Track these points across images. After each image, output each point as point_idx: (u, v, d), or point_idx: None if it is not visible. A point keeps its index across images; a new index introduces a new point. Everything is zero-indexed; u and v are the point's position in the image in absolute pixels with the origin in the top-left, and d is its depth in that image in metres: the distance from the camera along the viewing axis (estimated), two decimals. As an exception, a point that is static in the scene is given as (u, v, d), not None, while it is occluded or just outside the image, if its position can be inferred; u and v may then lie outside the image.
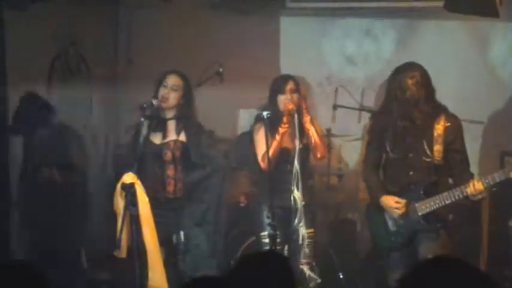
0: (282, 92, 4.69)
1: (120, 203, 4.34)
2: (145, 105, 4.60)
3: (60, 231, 5.10)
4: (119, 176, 4.38)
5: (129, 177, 4.32)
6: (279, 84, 4.73)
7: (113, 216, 4.39)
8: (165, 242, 4.57)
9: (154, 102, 4.62)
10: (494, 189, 5.50)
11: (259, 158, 4.68)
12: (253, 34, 6.45)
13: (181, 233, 4.66)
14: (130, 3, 6.71)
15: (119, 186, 4.33)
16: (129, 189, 4.28)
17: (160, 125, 4.67)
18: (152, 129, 4.66)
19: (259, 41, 6.44)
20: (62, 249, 5.11)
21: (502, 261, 5.38)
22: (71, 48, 6.23)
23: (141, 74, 6.49)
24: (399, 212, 4.21)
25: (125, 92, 6.58)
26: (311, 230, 4.70)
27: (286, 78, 4.78)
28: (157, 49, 6.51)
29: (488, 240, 5.60)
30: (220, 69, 5.56)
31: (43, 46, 5.89)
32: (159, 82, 4.69)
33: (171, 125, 4.69)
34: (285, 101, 4.64)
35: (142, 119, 4.57)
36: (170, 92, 4.63)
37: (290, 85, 4.70)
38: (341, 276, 5.45)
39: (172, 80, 4.65)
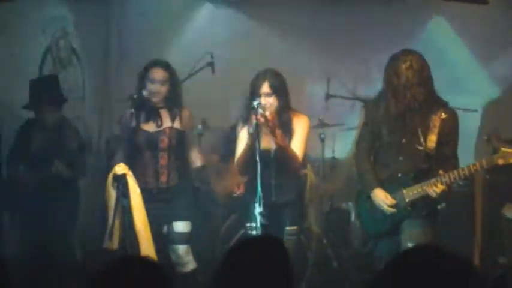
0: (257, 95, 4.39)
1: (111, 194, 4.33)
2: (135, 96, 4.60)
3: (51, 223, 5.07)
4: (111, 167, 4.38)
5: (120, 168, 4.32)
6: (255, 85, 4.42)
7: (105, 207, 4.39)
8: (156, 233, 4.57)
9: (144, 92, 4.62)
10: (487, 177, 5.53)
11: (235, 159, 4.56)
12: (244, 24, 6.44)
13: (173, 224, 4.66)
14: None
15: (110, 177, 4.33)
16: (121, 180, 4.27)
17: (152, 114, 4.66)
18: (143, 118, 4.66)
19: (250, 31, 6.42)
20: (54, 241, 5.09)
21: (495, 248, 5.38)
22: (62, 40, 6.21)
23: (133, 64, 6.48)
24: (387, 208, 4.21)
25: (116, 83, 6.56)
26: (295, 227, 4.58)
27: (263, 77, 4.41)
28: (149, 39, 6.48)
29: (482, 227, 5.61)
30: (212, 60, 5.55)
31: (34, 38, 5.87)
32: (143, 76, 4.66)
33: (164, 113, 4.68)
34: (261, 109, 4.29)
35: (132, 110, 4.57)
36: (160, 87, 4.63)
37: (265, 88, 4.39)
38: (335, 265, 5.45)
39: (158, 74, 4.62)
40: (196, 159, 4.83)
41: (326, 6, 6.24)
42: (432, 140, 4.14)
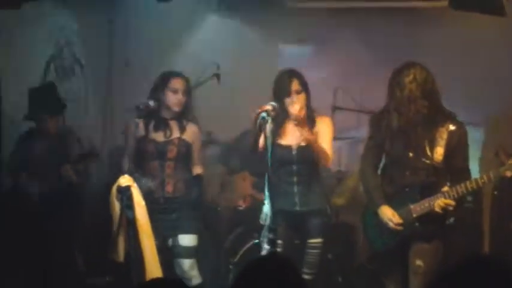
0: (287, 94, 4.39)
1: (116, 206, 4.26)
2: (140, 106, 4.57)
3: (55, 233, 5.00)
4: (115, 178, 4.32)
5: (125, 180, 4.25)
6: (283, 84, 4.41)
7: (109, 219, 4.32)
8: (161, 244, 4.51)
9: (151, 103, 4.59)
10: (495, 192, 5.47)
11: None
12: (252, 35, 6.40)
13: (178, 237, 4.59)
14: (127, 4, 6.64)
15: (114, 188, 4.26)
16: (125, 192, 4.21)
17: (161, 124, 4.64)
18: (153, 128, 4.64)
19: (258, 41, 6.38)
20: (58, 252, 5.02)
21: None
22: (65, 49, 6.17)
23: (137, 74, 6.44)
24: (393, 226, 4.14)
25: (120, 93, 6.52)
26: (318, 240, 4.47)
27: (291, 76, 4.44)
28: (154, 50, 6.44)
29: (490, 243, 5.55)
30: (218, 71, 5.51)
31: (38, 47, 5.83)
32: (162, 85, 4.65)
33: (174, 124, 4.67)
34: (291, 105, 4.33)
35: (137, 120, 4.55)
36: (181, 97, 4.63)
37: (295, 86, 4.41)
38: (340, 280, 5.38)
39: (179, 84, 4.64)
40: (195, 170, 4.76)
41: (334, 18, 6.20)
42: (439, 152, 4.08)
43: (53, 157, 5.12)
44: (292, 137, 4.43)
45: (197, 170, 4.72)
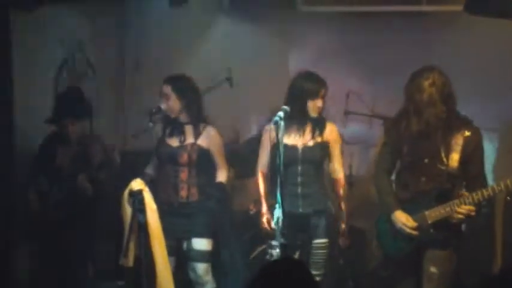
0: (315, 97, 4.44)
1: (127, 210, 4.28)
2: (154, 110, 4.63)
3: (66, 239, 5.01)
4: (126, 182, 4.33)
5: (137, 184, 4.28)
6: (311, 88, 4.43)
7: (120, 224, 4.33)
8: (176, 250, 4.52)
9: (163, 106, 4.65)
10: (508, 198, 5.43)
11: (259, 166, 4.60)
12: (264, 39, 6.39)
13: (192, 241, 4.61)
14: (139, 8, 6.66)
15: (126, 193, 4.28)
16: (137, 196, 4.23)
17: (177, 129, 4.70)
18: (169, 133, 4.71)
19: (269, 45, 6.37)
20: (68, 258, 5.03)
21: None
22: (78, 52, 6.19)
23: (149, 79, 6.45)
24: (409, 230, 4.11)
25: (132, 96, 6.53)
26: (324, 240, 4.53)
27: (318, 82, 4.47)
28: (166, 54, 6.45)
29: (502, 249, 5.52)
30: (230, 75, 5.52)
31: (50, 50, 5.85)
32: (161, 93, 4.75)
33: (189, 129, 4.71)
34: (317, 108, 4.43)
35: (150, 124, 4.60)
36: (167, 102, 4.68)
37: (323, 91, 4.47)
38: (350, 285, 5.37)
39: (164, 90, 4.70)
40: (218, 175, 4.78)
41: (345, 24, 6.19)
42: (454, 159, 4.05)
43: (74, 164, 5.12)
44: (297, 136, 4.46)
45: (220, 176, 4.74)
